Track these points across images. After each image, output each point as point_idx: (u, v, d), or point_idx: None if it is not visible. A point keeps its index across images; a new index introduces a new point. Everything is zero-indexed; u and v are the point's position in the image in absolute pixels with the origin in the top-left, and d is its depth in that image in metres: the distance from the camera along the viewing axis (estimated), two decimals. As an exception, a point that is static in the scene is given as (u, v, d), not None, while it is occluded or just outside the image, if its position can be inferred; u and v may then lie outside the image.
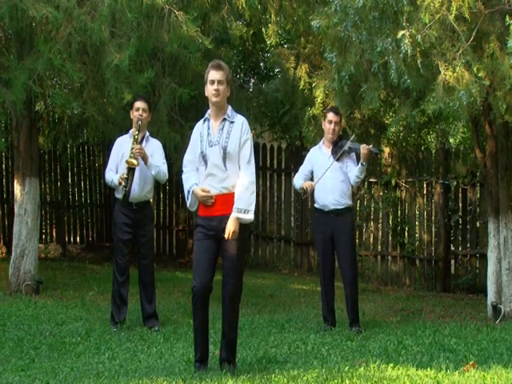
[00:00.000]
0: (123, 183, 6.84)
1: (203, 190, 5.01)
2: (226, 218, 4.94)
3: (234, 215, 4.92)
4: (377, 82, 6.76)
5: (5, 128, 11.06)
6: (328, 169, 6.95)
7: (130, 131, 7.08)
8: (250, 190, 4.98)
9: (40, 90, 7.64)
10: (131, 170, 6.84)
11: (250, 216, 4.97)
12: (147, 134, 7.11)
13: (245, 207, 4.94)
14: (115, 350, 6.10)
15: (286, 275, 11.52)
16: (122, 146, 7.04)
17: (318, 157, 7.21)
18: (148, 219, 7.13)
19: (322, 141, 7.30)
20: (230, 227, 4.90)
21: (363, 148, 6.94)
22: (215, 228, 4.99)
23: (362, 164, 6.98)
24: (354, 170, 7.05)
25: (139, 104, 6.98)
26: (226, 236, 4.91)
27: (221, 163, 5.01)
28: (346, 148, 7.02)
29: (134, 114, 6.98)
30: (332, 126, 7.10)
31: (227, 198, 4.99)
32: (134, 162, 6.81)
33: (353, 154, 7.11)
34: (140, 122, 6.90)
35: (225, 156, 5.01)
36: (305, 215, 11.78)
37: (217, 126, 5.07)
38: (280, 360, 5.54)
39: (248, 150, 5.04)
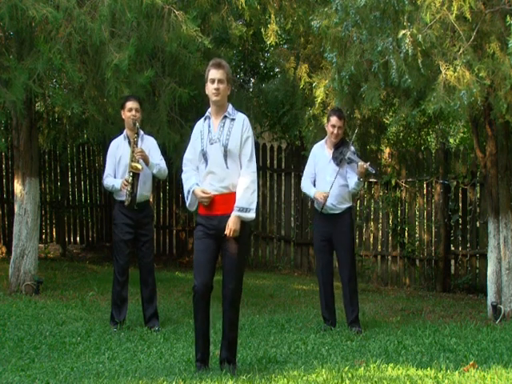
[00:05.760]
0: (129, 189, 6.79)
1: (203, 192, 5.01)
2: (226, 217, 4.93)
3: (235, 214, 4.91)
4: (377, 82, 6.75)
5: (5, 128, 11.05)
6: (335, 179, 7.00)
7: (124, 132, 7.04)
8: (251, 188, 4.97)
9: (40, 90, 7.63)
10: (136, 175, 6.80)
11: (252, 215, 4.96)
12: (141, 132, 7.05)
13: (246, 206, 4.93)
14: (115, 350, 6.09)
15: (286, 275, 11.51)
16: (118, 149, 6.99)
17: (320, 157, 7.22)
18: (149, 218, 7.12)
19: (325, 140, 7.30)
20: (231, 225, 4.90)
21: (360, 166, 6.96)
22: (216, 227, 4.97)
23: (358, 179, 7.02)
24: (352, 179, 7.07)
25: (131, 104, 6.90)
26: (227, 233, 4.91)
27: (222, 161, 4.99)
28: (346, 158, 7.05)
29: (127, 115, 6.91)
30: (335, 130, 7.10)
31: (228, 198, 4.97)
32: (139, 166, 6.75)
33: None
34: (138, 124, 6.85)
35: (225, 153, 4.99)
36: (305, 215, 11.78)
37: (217, 124, 5.06)
38: (280, 360, 5.54)
39: (249, 147, 5.02)
